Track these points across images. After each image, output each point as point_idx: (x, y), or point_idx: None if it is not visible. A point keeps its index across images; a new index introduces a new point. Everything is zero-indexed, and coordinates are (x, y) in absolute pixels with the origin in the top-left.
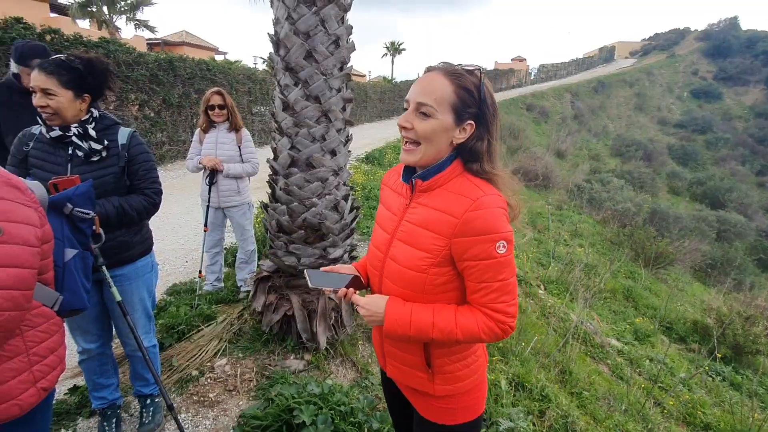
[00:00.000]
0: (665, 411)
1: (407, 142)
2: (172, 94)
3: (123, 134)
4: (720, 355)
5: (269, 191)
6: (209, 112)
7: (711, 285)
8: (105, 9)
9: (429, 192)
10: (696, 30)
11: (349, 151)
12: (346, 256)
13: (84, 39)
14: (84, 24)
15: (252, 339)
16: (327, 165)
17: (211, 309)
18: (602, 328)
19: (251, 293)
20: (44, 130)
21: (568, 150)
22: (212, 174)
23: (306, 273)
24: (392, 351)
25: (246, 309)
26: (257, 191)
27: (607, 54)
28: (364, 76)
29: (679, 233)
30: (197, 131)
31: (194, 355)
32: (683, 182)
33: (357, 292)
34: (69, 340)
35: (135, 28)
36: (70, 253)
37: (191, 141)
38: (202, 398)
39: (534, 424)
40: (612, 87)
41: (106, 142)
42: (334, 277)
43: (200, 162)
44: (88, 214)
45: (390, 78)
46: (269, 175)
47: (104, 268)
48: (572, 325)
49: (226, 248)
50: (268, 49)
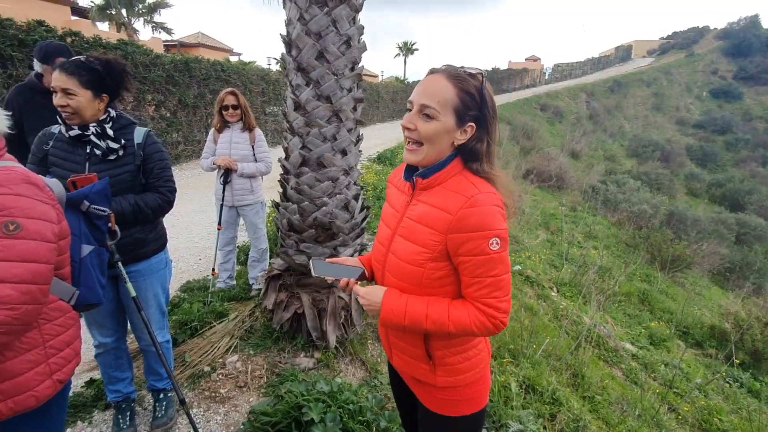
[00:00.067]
0: (680, 417)
1: (410, 142)
2: (188, 95)
3: (139, 133)
4: (738, 361)
5: (281, 190)
6: (223, 112)
7: (729, 289)
8: (123, 12)
9: (429, 190)
10: (715, 28)
11: (360, 151)
12: (356, 256)
13: (103, 41)
14: (103, 26)
15: (263, 336)
16: (338, 164)
17: (224, 306)
18: (616, 332)
19: (262, 291)
20: (63, 130)
21: (583, 150)
22: (226, 173)
23: (311, 262)
24: (396, 342)
25: (257, 307)
26: (270, 190)
27: (624, 53)
28: (377, 77)
29: (697, 236)
30: (212, 131)
31: (206, 352)
32: (702, 184)
33: (358, 283)
34: (85, 335)
35: (152, 30)
36: (87, 249)
37: (206, 141)
38: (214, 394)
39: (544, 428)
40: (629, 86)
41: (123, 141)
42: (338, 268)
43: (214, 162)
44: (104, 212)
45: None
46: (281, 175)
47: (120, 264)
48: (585, 328)
49: (239, 246)
50: (281, 50)
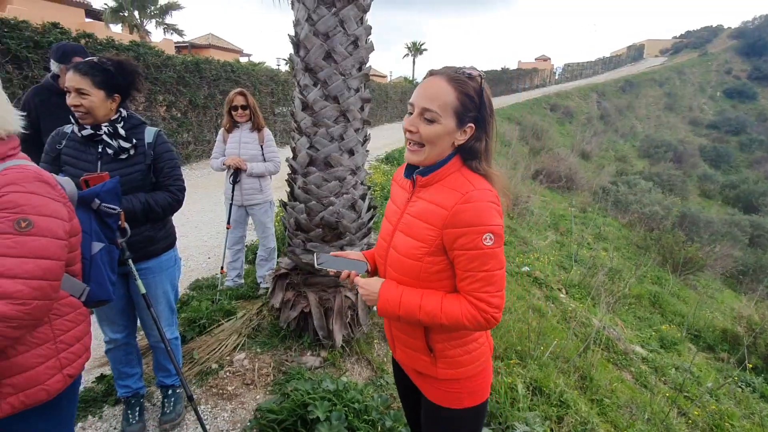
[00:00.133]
0: (690, 421)
1: (412, 143)
2: (198, 96)
3: (149, 133)
4: (750, 366)
5: (288, 190)
6: (232, 113)
7: (742, 292)
8: (136, 14)
9: (428, 187)
10: (729, 27)
11: (367, 151)
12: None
13: (116, 42)
14: (116, 28)
15: (270, 335)
16: (345, 164)
17: (232, 304)
18: (626, 335)
19: (270, 290)
20: (76, 129)
21: (594, 151)
22: (236, 173)
23: (315, 254)
24: (399, 335)
25: (265, 305)
26: (279, 190)
27: (636, 52)
28: (385, 77)
29: (710, 238)
30: (221, 131)
31: (214, 349)
32: (715, 185)
33: (359, 275)
34: (95, 331)
35: (164, 32)
36: (97, 247)
37: (216, 141)
38: (221, 391)
39: (551, 430)
40: (641, 86)
41: (134, 141)
42: (342, 261)
43: (224, 162)
44: (115, 210)
45: (411, 78)
46: (288, 174)
47: (130, 262)
48: (594, 331)
49: (247, 245)
50: (290, 51)
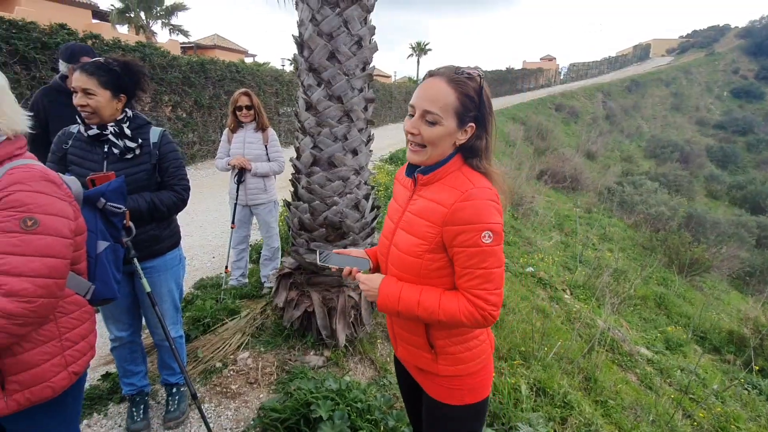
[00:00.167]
0: (695, 423)
1: (413, 144)
2: (203, 96)
3: (154, 133)
4: (757, 368)
5: (292, 189)
6: (237, 113)
7: (749, 294)
8: (142, 15)
9: (429, 185)
10: (737, 27)
11: (371, 151)
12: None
13: (122, 43)
14: (123, 29)
15: (274, 334)
16: (348, 164)
17: (236, 304)
18: (631, 336)
19: (273, 289)
20: (82, 129)
21: (599, 151)
22: (241, 172)
23: (318, 251)
24: (400, 332)
25: (268, 304)
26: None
27: (642, 52)
28: (390, 77)
29: (717, 239)
30: (225, 131)
31: (218, 348)
32: (722, 186)
33: (361, 271)
34: (101, 329)
35: (170, 33)
36: (103, 245)
37: (221, 141)
38: (225, 389)
39: (555, 431)
40: (647, 86)
41: (140, 141)
42: (343, 258)
43: (229, 162)
44: (120, 209)
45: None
46: (292, 174)
47: (135, 260)
48: (598, 332)
49: (252, 245)
50: (295, 51)
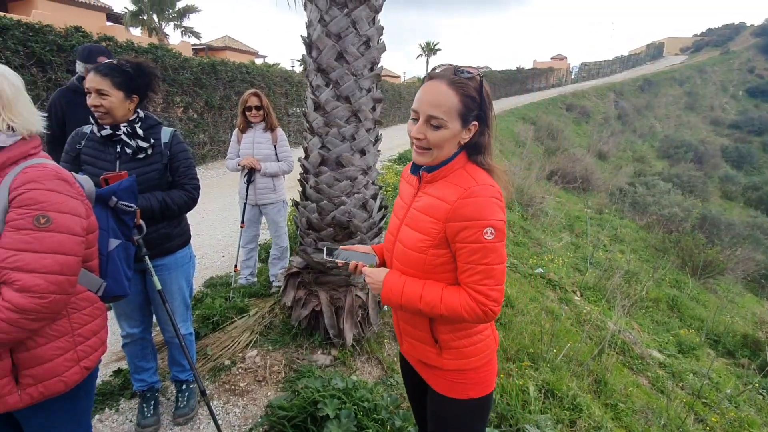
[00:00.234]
0: (708, 428)
1: (419, 147)
2: (214, 97)
3: (165, 133)
4: None
5: (300, 189)
6: (246, 113)
7: (764, 297)
8: (155, 17)
9: (433, 183)
10: (752, 25)
11: (379, 151)
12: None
13: (135, 45)
14: (136, 31)
15: (282, 332)
16: (356, 164)
17: (245, 302)
18: (643, 339)
19: (282, 288)
20: (95, 129)
21: (611, 151)
22: (250, 172)
23: (325, 247)
24: (405, 327)
25: (277, 303)
26: (292, 189)
27: (655, 51)
28: (399, 78)
29: (731, 241)
30: (235, 131)
31: (227, 346)
32: (737, 186)
33: (367, 265)
34: (112, 326)
35: (182, 35)
36: (114, 243)
37: (230, 141)
38: (233, 387)
39: None
40: (660, 85)
41: (152, 141)
42: (350, 253)
43: (239, 163)
44: (131, 207)
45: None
46: (300, 174)
47: (147, 258)
48: (609, 334)
49: (261, 244)
50: (303, 52)
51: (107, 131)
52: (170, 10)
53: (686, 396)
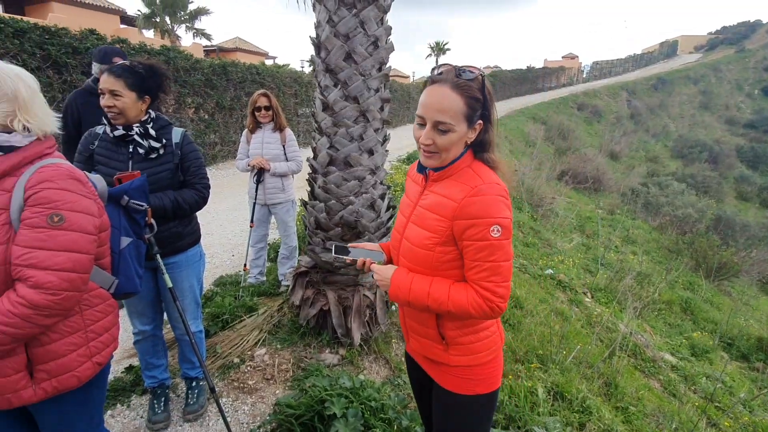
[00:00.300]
0: None
1: (427, 151)
2: (225, 98)
3: (176, 134)
4: None
5: (309, 189)
6: (255, 113)
7: None
8: (167, 19)
9: (440, 181)
10: None
11: (387, 151)
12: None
13: (148, 47)
14: (149, 34)
15: (290, 331)
16: (364, 164)
17: (254, 301)
18: (655, 341)
19: (290, 287)
20: (108, 130)
21: (623, 151)
22: (260, 172)
23: (333, 245)
24: (412, 324)
25: (285, 302)
26: (301, 189)
27: (669, 49)
28: (408, 78)
29: (746, 242)
30: (244, 132)
31: (236, 344)
32: (753, 187)
33: (375, 263)
34: (125, 324)
35: (193, 37)
36: (126, 241)
37: (240, 142)
38: (242, 384)
39: None
40: (674, 84)
41: (164, 141)
42: (358, 251)
43: (249, 164)
44: (142, 206)
45: None
46: (309, 174)
47: (158, 257)
48: (620, 336)
49: (270, 244)
50: (312, 53)
51: (120, 132)
52: (182, 13)
53: (699, 400)
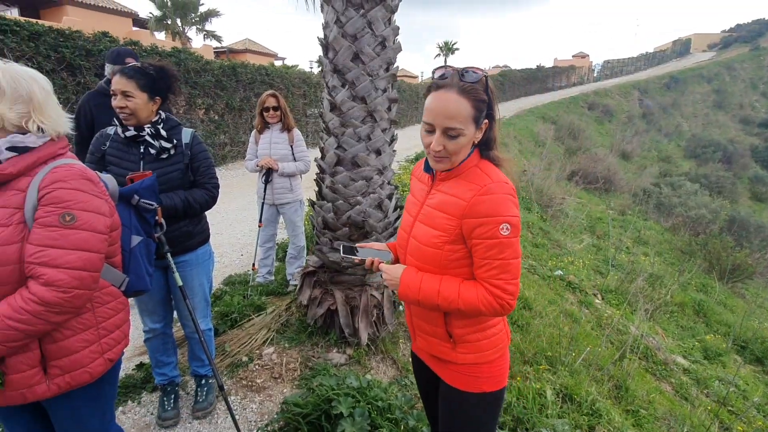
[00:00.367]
0: None
1: (437, 155)
2: (234, 99)
3: (186, 134)
4: None
5: (316, 189)
6: (264, 114)
7: None
8: (178, 21)
9: (447, 180)
10: None
11: (394, 151)
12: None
13: (159, 49)
14: (160, 36)
15: (298, 331)
16: (372, 164)
17: (262, 300)
18: (667, 344)
19: (298, 287)
20: (120, 130)
21: (635, 151)
22: (268, 172)
23: (342, 245)
24: (419, 323)
25: (293, 302)
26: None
27: (682, 47)
28: (417, 78)
29: (761, 244)
30: (253, 133)
31: (245, 343)
32: (767, 188)
33: (383, 262)
34: (135, 322)
35: (204, 38)
36: (136, 240)
37: (249, 143)
38: (250, 383)
39: None
40: (687, 83)
41: (175, 141)
42: (366, 250)
43: (257, 164)
44: (152, 205)
45: None
46: (316, 174)
47: (169, 255)
48: (630, 338)
49: (278, 243)
50: (320, 53)
51: (131, 132)
52: (193, 15)
53: (711, 403)
